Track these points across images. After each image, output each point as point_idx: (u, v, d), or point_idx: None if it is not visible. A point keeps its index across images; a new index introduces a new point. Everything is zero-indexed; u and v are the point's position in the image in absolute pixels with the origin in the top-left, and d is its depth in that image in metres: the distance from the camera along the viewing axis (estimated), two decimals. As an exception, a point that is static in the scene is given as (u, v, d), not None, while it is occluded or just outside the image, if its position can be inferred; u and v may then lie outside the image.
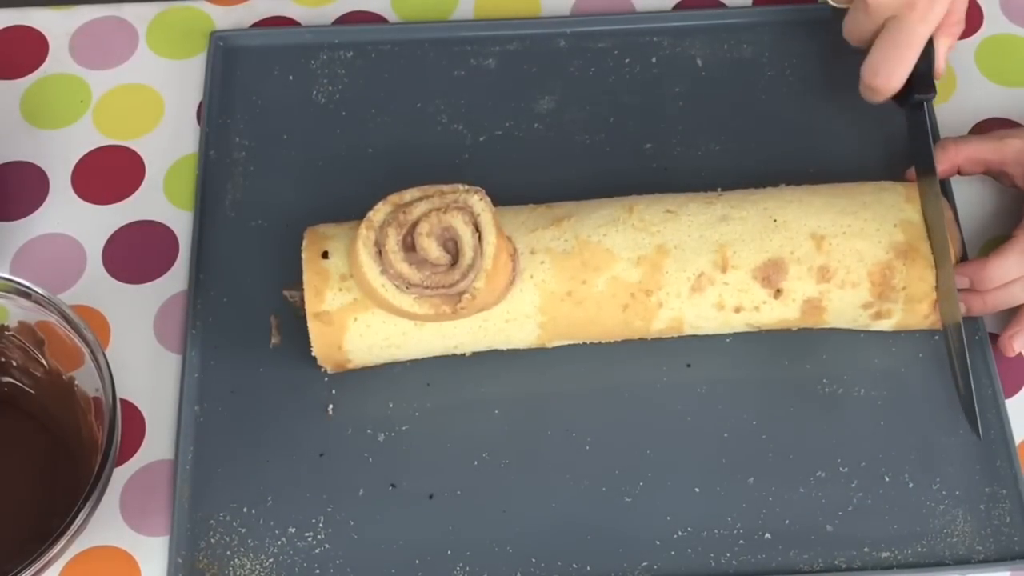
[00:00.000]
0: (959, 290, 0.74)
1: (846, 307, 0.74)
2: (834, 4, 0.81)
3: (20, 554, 0.65)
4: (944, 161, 0.79)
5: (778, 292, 0.74)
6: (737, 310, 0.74)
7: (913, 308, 0.74)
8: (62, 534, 0.65)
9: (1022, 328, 0.76)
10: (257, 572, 0.72)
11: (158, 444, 0.76)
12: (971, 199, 0.82)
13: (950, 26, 0.79)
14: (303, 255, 0.73)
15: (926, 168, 0.76)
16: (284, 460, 0.75)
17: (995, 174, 0.80)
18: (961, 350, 0.73)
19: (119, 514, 0.74)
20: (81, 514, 0.66)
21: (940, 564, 0.72)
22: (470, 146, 0.85)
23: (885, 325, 0.76)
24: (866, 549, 0.73)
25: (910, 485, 0.74)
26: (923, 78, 0.78)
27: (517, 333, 0.74)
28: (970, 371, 0.73)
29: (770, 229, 0.74)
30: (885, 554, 0.72)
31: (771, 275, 0.73)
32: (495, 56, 0.89)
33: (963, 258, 0.78)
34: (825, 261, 0.73)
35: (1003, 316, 0.78)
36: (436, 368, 0.77)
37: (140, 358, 0.78)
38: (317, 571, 0.72)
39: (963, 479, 0.74)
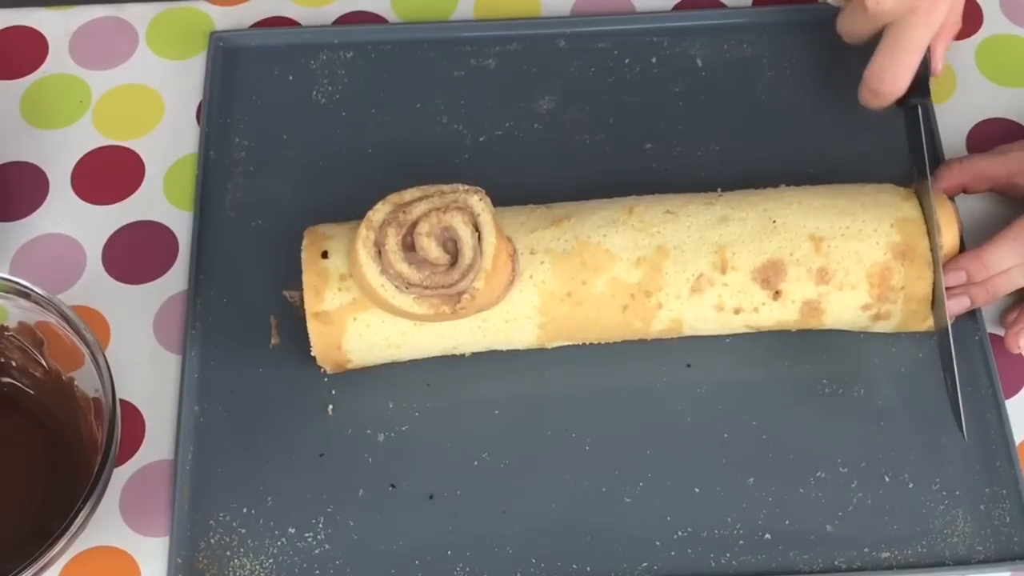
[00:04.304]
0: (959, 285, 0.75)
1: (845, 309, 0.74)
2: (831, 1, 0.81)
3: (20, 554, 0.65)
4: (949, 179, 0.79)
5: (777, 294, 0.74)
6: (736, 311, 0.74)
7: (912, 309, 0.74)
8: (62, 534, 0.65)
9: None
10: (257, 572, 0.72)
11: (158, 444, 0.76)
12: (975, 216, 0.82)
13: (948, 27, 0.79)
14: (303, 255, 0.73)
15: (921, 173, 0.76)
16: (284, 460, 0.75)
17: (1002, 189, 0.80)
18: (948, 354, 0.73)
19: (119, 514, 0.74)
20: (81, 514, 0.66)
21: (940, 564, 0.72)
22: (470, 146, 0.85)
23: (884, 327, 0.76)
24: (866, 549, 0.73)
25: (910, 485, 0.74)
26: (919, 81, 0.79)
27: (517, 334, 0.74)
28: (956, 372, 0.73)
29: (769, 230, 0.74)
30: (885, 554, 0.72)
31: (770, 277, 0.73)
32: (495, 56, 0.89)
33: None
34: (824, 263, 0.73)
35: (1004, 313, 0.79)
36: (436, 368, 0.77)
37: (140, 358, 0.78)
38: (317, 571, 0.72)
39: (963, 479, 0.74)
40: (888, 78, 0.78)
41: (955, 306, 0.75)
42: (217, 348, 0.78)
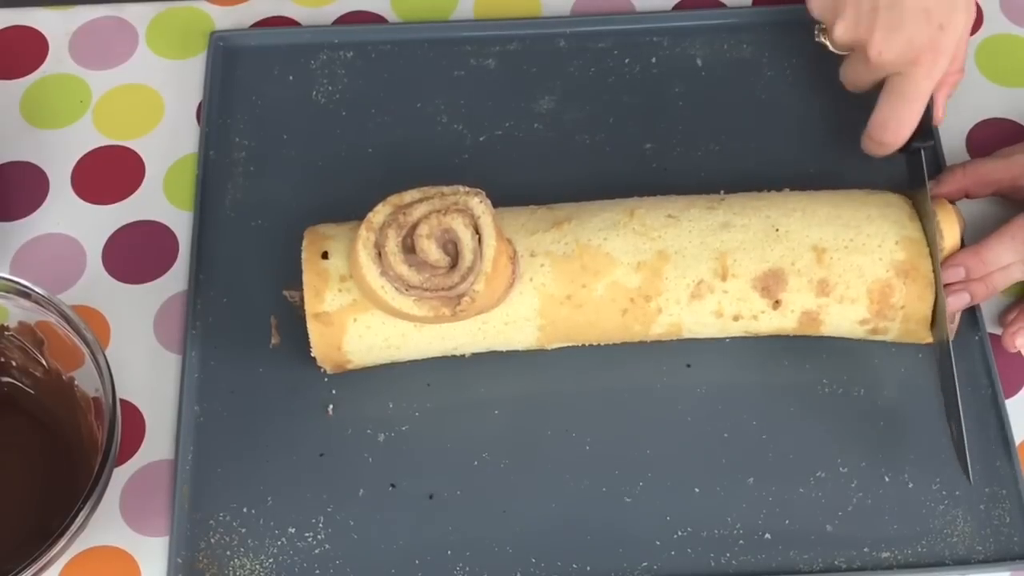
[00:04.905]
0: (958, 282, 0.75)
1: (843, 321, 0.74)
2: (833, 50, 0.80)
3: (20, 554, 0.65)
4: (951, 183, 0.79)
5: (777, 303, 0.73)
6: (736, 318, 0.74)
7: (910, 328, 0.74)
8: (62, 534, 0.65)
9: None
10: (257, 572, 0.72)
11: (158, 444, 0.76)
12: (976, 217, 0.82)
13: (951, 75, 0.78)
14: (303, 255, 0.73)
15: (925, 214, 0.76)
16: (284, 460, 0.75)
17: (1006, 193, 0.80)
18: (953, 399, 0.73)
19: (119, 514, 0.74)
20: (81, 514, 0.66)
21: (940, 564, 0.72)
22: (470, 146, 0.85)
23: (881, 339, 0.76)
24: (866, 549, 0.73)
25: (910, 485, 0.74)
26: (922, 127, 0.77)
27: (516, 335, 0.74)
28: (961, 414, 0.72)
29: (772, 238, 0.74)
30: (885, 554, 0.72)
31: (771, 285, 0.73)
32: (495, 56, 0.89)
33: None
34: (825, 275, 0.73)
35: (1003, 312, 0.79)
36: (436, 368, 0.77)
37: (140, 358, 0.78)
38: (317, 571, 0.72)
39: (963, 479, 0.74)
40: (892, 128, 0.77)
41: (955, 302, 0.75)
42: (217, 348, 0.78)
